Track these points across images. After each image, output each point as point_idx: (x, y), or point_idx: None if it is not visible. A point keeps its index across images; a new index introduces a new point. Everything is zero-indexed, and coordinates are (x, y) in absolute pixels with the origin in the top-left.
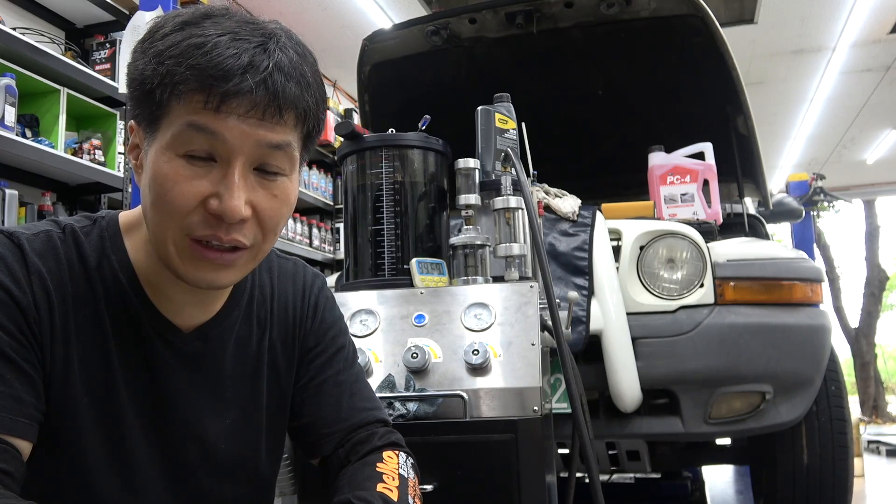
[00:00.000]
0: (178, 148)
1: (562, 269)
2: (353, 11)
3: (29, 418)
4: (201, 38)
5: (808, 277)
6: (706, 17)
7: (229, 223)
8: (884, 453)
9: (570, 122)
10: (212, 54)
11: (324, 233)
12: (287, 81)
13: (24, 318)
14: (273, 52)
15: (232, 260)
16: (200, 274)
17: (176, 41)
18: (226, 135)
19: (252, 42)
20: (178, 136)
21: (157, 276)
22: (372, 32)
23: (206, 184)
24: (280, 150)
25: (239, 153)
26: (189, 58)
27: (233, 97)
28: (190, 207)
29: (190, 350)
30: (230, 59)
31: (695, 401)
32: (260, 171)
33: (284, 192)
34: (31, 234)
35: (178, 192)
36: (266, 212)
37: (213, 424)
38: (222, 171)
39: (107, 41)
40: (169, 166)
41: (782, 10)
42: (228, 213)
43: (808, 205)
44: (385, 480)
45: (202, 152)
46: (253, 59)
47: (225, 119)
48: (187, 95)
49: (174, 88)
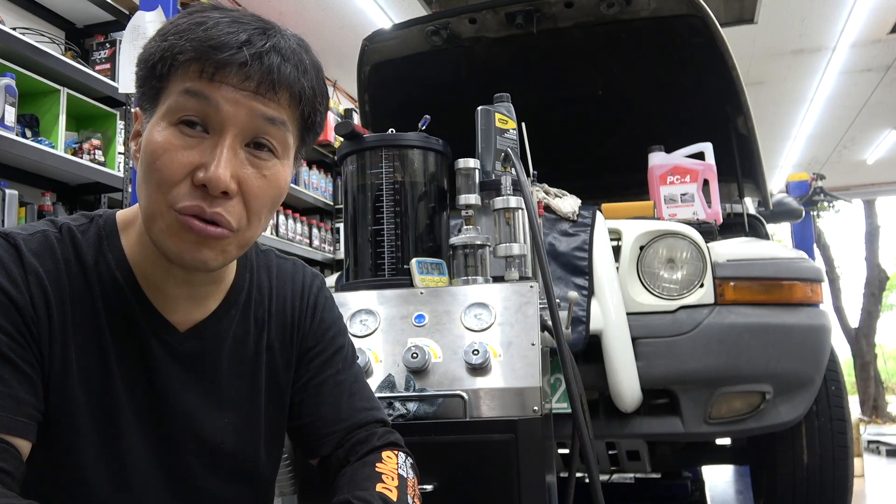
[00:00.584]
0: (172, 116)
1: (562, 269)
2: (353, 11)
3: (28, 418)
4: (204, 18)
5: (808, 277)
6: (706, 17)
7: (213, 195)
8: (884, 453)
9: (570, 122)
10: (212, 31)
11: (324, 233)
12: (283, 62)
13: (22, 318)
14: (272, 37)
15: (216, 235)
16: (185, 248)
17: (181, 22)
18: (219, 100)
19: (252, 26)
20: (173, 103)
21: (152, 270)
22: (372, 32)
23: (196, 154)
24: (273, 125)
25: (231, 123)
26: (190, 33)
27: (226, 66)
28: (178, 178)
29: (185, 349)
30: (229, 35)
31: (695, 401)
32: (252, 148)
33: (274, 175)
34: (28, 234)
35: (168, 159)
36: (252, 190)
37: (210, 424)
38: (213, 143)
39: (107, 41)
40: (162, 135)
41: (782, 10)
42: (212, 181)
43: (808, 205)
44: (384, 480)
45: (195, 119)
46: (251, 37)
47: (219, 87)
48: (184, 66)
49: (173, 60)
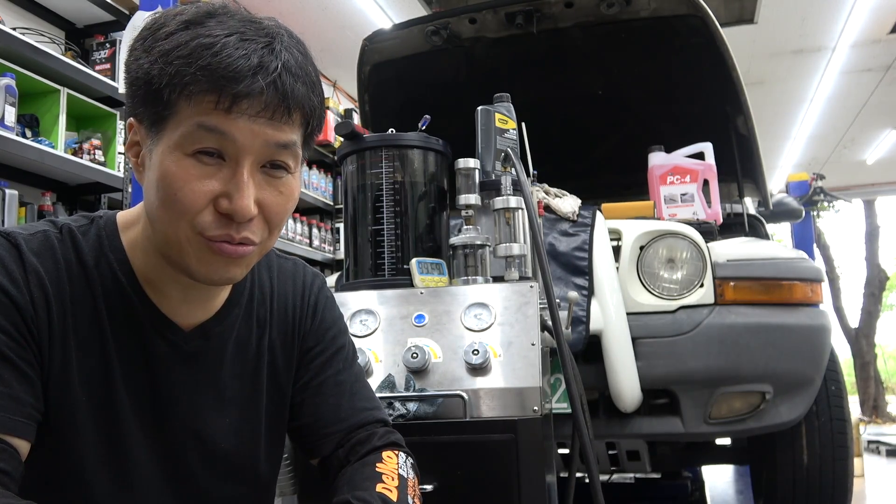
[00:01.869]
0: (188, 147)
1: (562, 269)
2: (353, 11)
3: (27, 418)
4: (209, 38)
5: (808, 277)
6: (706, 17)
7: (239, 222)
8: (884, 453)
9: (570, 122)
10: (221, 55)
11: (324, 233)
12: (295, 82)
13: (22, 317)
14: (280, 53)
15: (243, 253)
16: (214, 269)
17: (183, 41)
18: (236, 135)
19: (259, 42)
20: (188, 136)
21: (155, 274)
22: (372, 32)
23: (216, 183)
24: (287, 149)
25: (248, 153)
26: (199, 58)
27: (244, 98)
28: (200, 207)
29: (191, 348)
30: (240, 59)
31: (695, 401)
32: (266, 168)
33: (289, 189)
34: (28, 234)
35: (189, 191)
36: (273, 208)
37: (212, 424)
38: (231, 171)
39: (107, 41)
40: (178, 166)
41: (782, 10)
42: (239, 212)
43: (808, 205)
44: (384, 481)
45: (212, 151)
46: (262, 59)
47: (235, 120)
48: (198, 96)
49: (184, 89)
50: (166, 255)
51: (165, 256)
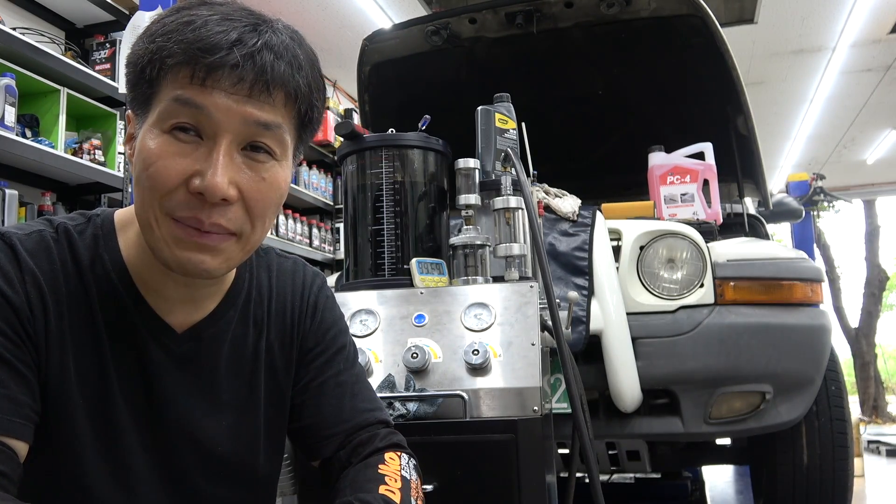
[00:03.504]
0: (164, 124)
1: (562, 269)
2: (353, 11)
3: (25, 419)
4: (192, 16)
5: (808, 277)
6: (706, 17)
7: (211, 203)
8: (884, 453)
9: (570, 122)
10: (201, 30)
11: (324, 233)
12: (276, 60)
13: (18, 318)
14: (264, 33)
15: (217, 242)
16: (185, 256)
17: (168, 21)
18: (211, 109)
19: (243, 22)
20: (165, 111)
21: (149, 272)
22: (372, 32)
23: (190, 161)
24: (269, 129)
25: (225, 130)
26: (178, 34)
27: (218, 69)
28: (172, 185)
29: (183, 351)
30: (218, 34)
31: (695, 401)
32: (248, 151)
33: (273, 177)
34: (24, 233)
35: (162, 166)
36: (253, 194)
37: (208, 426)
38: (208, 150)
39: (107, 41)
40: (155, 142)
41: (782, 10)
42: (210, 190)
43: (808, 205)
44: (387, 482)
45: (188, 127)
46: (242, 35)
47: (210, 93)
48: (174, 70)
49: (162, 63)
50: (147, 242)
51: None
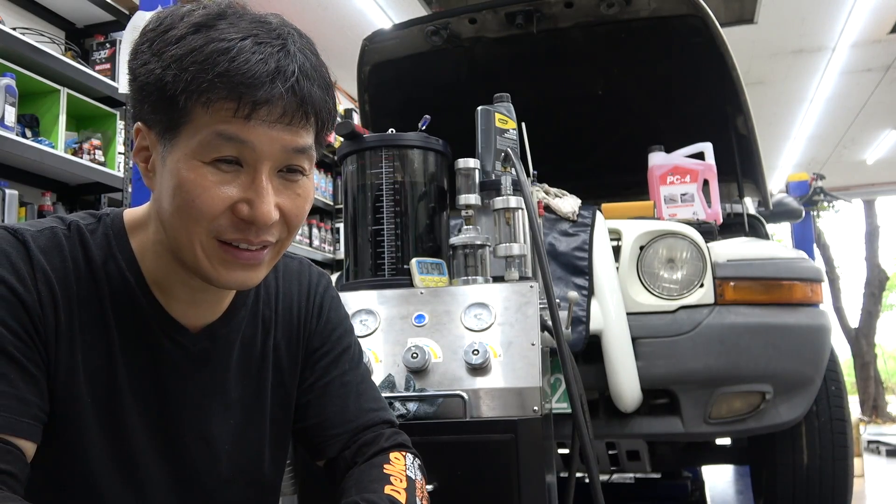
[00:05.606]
0: (206, 156)
1: (562, 269)
2: (353, 11)
3: (33, 419)
4: (224, 42)
5: (808, 277)
6: (706, 17)
7: (259, 227)
8: (884, 453)
9: (570, 122)
10: (238, 60)
11: (324, 233)
12: (312, 85)
13: (29, 316)
14: (295, 55)
15: (262, 257)
16: (232, 275)
17: (197, 45)
18: (255, 142)
19: (274, 45)
20: (207, 144)
21: (165, 276)
22: (372, 32)
23: (235, 189)
24: (303, 153)
25: (266, 159)
26: (216, 64)
27: (263, 105)
28: (218, 212)
29: (198, 350)
30: (258, 64)
31: (695, 401)
32: (283, 172)
33: (305, 191)
34: (36, 230)
35: (208, 198)
36: (292, 211)
37: (217, 426)
38: (249, 177)
39: (107, 41)
40: (196, 173)
41: (782, 10)
42: (261, 218)
43: (808, 205)
44: (392, 482)
45: (230, 159)
46: (279, 63)
47: (254, 127)
48: (216, 104)
49: (201, 96)
50: (181, 260)
51: (180, 261)
